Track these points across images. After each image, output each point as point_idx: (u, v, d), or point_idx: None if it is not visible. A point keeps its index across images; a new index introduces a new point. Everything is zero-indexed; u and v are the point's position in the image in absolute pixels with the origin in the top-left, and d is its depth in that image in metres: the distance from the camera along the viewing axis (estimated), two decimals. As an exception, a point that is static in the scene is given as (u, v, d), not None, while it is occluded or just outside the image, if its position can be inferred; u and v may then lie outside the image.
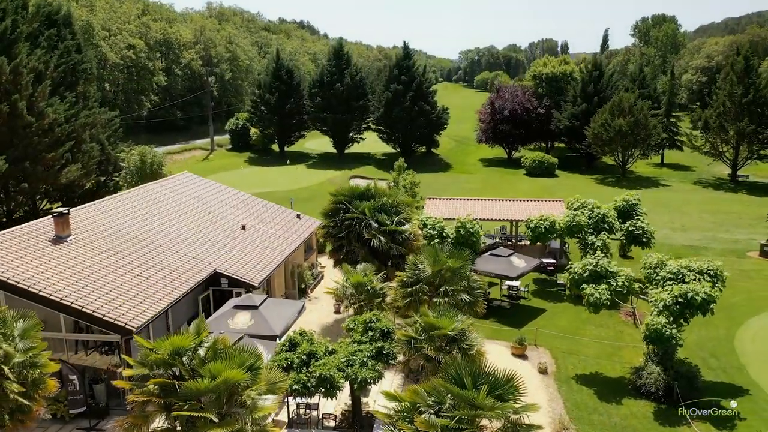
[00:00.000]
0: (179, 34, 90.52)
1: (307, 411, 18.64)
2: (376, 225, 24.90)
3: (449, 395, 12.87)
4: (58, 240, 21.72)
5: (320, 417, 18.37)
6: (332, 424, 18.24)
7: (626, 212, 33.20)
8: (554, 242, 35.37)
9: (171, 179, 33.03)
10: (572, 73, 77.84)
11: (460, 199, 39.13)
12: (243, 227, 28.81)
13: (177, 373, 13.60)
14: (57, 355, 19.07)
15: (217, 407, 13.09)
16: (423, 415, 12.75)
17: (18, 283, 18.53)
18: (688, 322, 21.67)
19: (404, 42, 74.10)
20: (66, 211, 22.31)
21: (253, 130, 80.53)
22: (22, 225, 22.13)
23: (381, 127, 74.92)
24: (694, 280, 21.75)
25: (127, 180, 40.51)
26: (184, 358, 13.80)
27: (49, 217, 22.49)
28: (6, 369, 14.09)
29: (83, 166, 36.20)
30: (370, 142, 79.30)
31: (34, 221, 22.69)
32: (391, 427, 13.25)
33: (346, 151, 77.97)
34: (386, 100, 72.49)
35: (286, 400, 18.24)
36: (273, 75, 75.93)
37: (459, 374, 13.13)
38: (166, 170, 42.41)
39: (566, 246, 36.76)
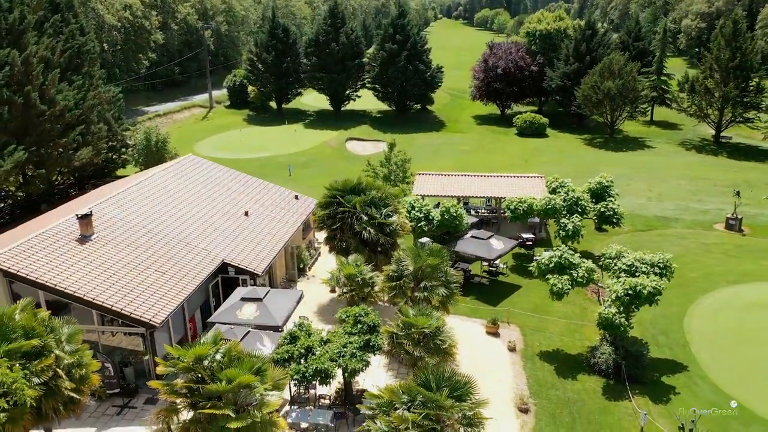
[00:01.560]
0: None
1: (306, 391, 22.04)
2: (366, 218, 27.67)
3: (419, 395, 16.09)
4: (83, 239, 24.56)
5: (317, 396, 21.78)
6: (327, 402, 21.66)
7: (599, 193, 35.87)
8: (533, 217, 38.13)
9: (177, 163, 35.47)
10: (566, 30, 78.35)
11: (449, 175, 41.59)
12: (246, 213, 31.56)
13: (198, 377, 16.73)
14: (87, 336, 22.33)
15: (233, 404, 16.31)
16: (398, 411, 16.02)
17: (56, 285, 21.54)
18: (638, 309, 24.78)
19: (399, 1, 74.09)
20: (89, 212, 25.05)
21: (250, 88, 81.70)
22: (51, 226, 24.88)
23: (377, 86, 76.18)
24: (645, 273, 24.71)
25: (134, 157, 42.84)
26: (205, 362, 16.92)
27: (74, 216, 25.23)
28: (59, 370, 17.26)
29: (93, 147, 38.59)
30: (367, 99, 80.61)
31: (61, 221, 25.40)
32: (375, 418, 16.55)
33: (342, 109, 79.52)
34: (381, 60, 73.56)
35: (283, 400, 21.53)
36: (269, 33, 76.51)
37: (427, 378, 16.32)
38: (170, 146, 44.59)
39: (545, 220, 39.61)
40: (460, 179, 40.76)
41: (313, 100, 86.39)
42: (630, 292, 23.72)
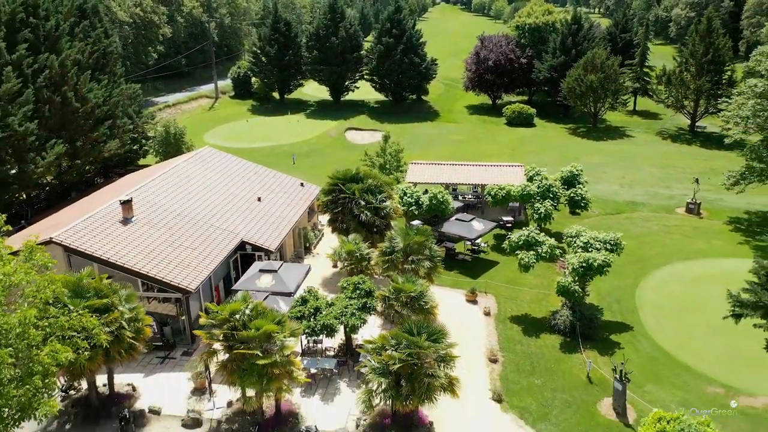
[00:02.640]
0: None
1: (315, 344, 26.81)
2: (363, 203, 32.29)
3: (404, 339, 20.82)
4: (125, 221, 29.18)
5: (324, 349, 26.56)
6: (332, 353, 26.43)
7: (570, 181, 40.45)
8: (514, 202, 42.68)
9: (196, 155, 39.95)
10: (554, 23, 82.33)
11: (439, 164, 46.08)
12: (259, 199, 36.13)
13: (233, 326, 21.44)
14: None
15: (260, 347, 21.03)
16: (387, 351, 20.76)
17: (108, 258, 26.20)
18: (592, 279, 29.48)
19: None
20: (130, 198, 29.65)
21: (254, 79, 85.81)
22: (97, 210, 29.44)
23: (374, 78, 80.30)
24: (598, 249, 29.38)
25: (154, 148, 47.30)
26: (237, 316, 21.63)
27: (117, 201, 29.82)
28: (123, 322, 21.98)
29: (120, 140, 43.06)
30: (365, 90, 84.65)
31: (105, 205, 29.97)
32: (370, 359, 21.32)
33: (342, 99, 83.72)
34: (378, 53, 77.65)
35: (300, 337, 26.27)
36: (272, 27, 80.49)
37: (410, 327, 21.08)
38: (187, 138, 49.03)
39: (524, 205, 44.20)
40: (448, 168, 45.28)
41: (313, 90, 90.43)
42: (584, 264, 28.39)
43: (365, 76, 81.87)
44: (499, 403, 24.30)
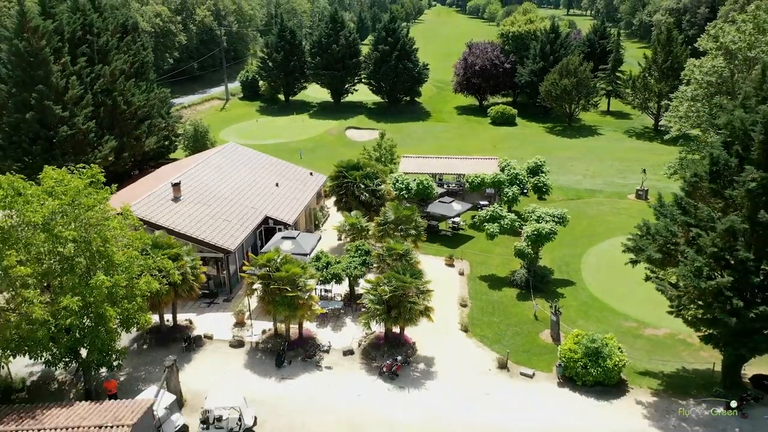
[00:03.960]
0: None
1: (326, 293, 34.78)
2: (363, 186, 40.28)
3: (393, 278, 28.81)
4: (176, 200, 37.11)
5: (333, 295, 34.54)
6: (339, 299, 34.40)
7: (535, 170, 48.45)
8: (490, 189, 50.60)
9: (222, 149, 47.85)
10: (535, 32, 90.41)
11: (427, 157, 54.09)
12: (277, 185, 44.06)
13: (269, 270, 29.37)
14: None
15: (289, 285, 28.95)
16: (381, 286, 28.75)
17: (168, 225, 34.14)
18: (543, 244, 37.43)
19: (390, 10, 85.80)
20: (179, 182, 37.59)
21: (261, 82, 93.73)
22: (152, 191, 37.34)
23: (371, 82, 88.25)
24: (547, 221, 37.37)
25: (184, 144, 55.20)
26: (271, 262, 29.57)
27: (169, 183, 37.75)
28: (187, 268, 29.90)
29: (156, 137, 50.95)
30: (363, 92, 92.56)
31: (158, 187, 37.87)
32: (368, 294, 29.30)
33: (342, 101, 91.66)
34: (375, 59, 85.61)
35: (315, 286, 34.23)
36: (278, 35, 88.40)
37: (398, 269, 29.09)
38: (210, 135, 57.00)
39: (499, 191, 52.17)
40: (434, 160, 53.29)
41: (315, 92, 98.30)
42: (535, 232, 36.38)
43: (363, 80, 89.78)
44: (466, 332, 32.31)
